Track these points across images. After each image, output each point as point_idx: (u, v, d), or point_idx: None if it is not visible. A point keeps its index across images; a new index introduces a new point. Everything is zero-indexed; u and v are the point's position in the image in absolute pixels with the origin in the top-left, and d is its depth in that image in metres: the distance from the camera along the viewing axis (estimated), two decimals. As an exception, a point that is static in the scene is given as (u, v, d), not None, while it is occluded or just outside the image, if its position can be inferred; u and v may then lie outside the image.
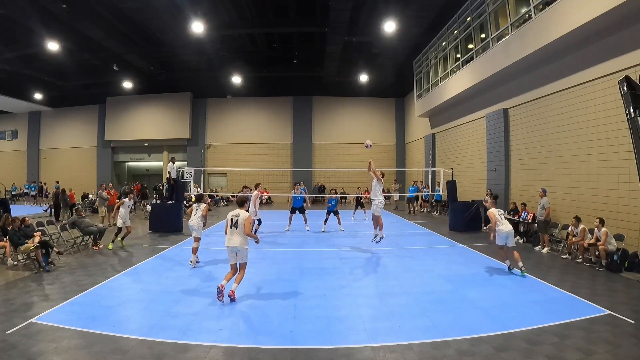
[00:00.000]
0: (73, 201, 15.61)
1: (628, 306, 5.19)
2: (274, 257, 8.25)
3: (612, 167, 8.10)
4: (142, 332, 4.27)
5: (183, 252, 8.76)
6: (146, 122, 25.09)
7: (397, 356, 3.81)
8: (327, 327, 4.51)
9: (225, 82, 22.20)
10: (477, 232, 11.76)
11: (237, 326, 4.56)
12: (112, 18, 14.83)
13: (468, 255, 8.60)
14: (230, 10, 15.08)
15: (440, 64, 16.64)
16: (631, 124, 4.72)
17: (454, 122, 16.80)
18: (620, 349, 3.94)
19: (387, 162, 24.59)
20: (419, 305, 5.24)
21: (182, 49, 18.23)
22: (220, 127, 25.21)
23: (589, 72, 8.73)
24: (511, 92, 12.08)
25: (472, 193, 14.36)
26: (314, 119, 25.09)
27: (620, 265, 6.95)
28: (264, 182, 23.63)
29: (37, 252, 6.98)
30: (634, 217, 7.43)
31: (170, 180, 12.62)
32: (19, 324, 4.43)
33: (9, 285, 6.10)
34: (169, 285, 6.16)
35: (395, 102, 25.44)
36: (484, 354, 3.83)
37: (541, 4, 9.39)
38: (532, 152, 11.10)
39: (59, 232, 8.98)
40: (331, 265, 7.54)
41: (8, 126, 27.29)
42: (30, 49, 16.80)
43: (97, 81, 22.52)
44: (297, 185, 13.15)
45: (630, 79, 4.82)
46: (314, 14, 15.41)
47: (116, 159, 26.60)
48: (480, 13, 12.69)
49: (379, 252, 8.79)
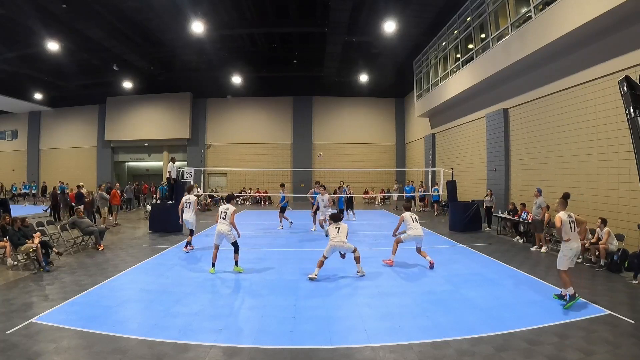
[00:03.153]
0: (73, 201, 15.58)
1: (628, 306, 5.19)
2: (274, 257, 8.25)
3: (612, 167, 8.10)
4: (142, 332, 4.27)
5: (183, 252, 8.76)
6: (146, 122, 25.11)
7: (397, 356, 3.81)
8: (327, 327, 4.51)
9: (225, 82, 22.21)
10: (477, 232, 11.77)
11: (237, 326, 4.56)
12: (112, 18, 14.83)
13: (468, 255, 8.59)
14: (230, 10, 15.08)
15: (440, 64, 16.64)
16: (631, 124, 4.72)
17: (454, 122, 16.80)
18: (620, 349, 3.94)
19: (387, 162, 24.61)
20: (419, 305, 5.24)
21: (182, 49, 18.24)
22: (220, 127, 25.21)
23: (589, 72, 8.73)
24: (511, 92, 12.08)
25: (472, 193, 14.36)
26: (314, 119, 25.10)
27: (620, 265, 6.95)
28: (263, 182, 23.74)
29: (38, 252, 6.98)
30: (634, 217, 7.43)
31: (171, 180, 12.61)
32: (19, 324, 4.43)
33: (9, 285, 6.10)
34: (169, 285, 6.16)
35: (395, 102, 25.44)
36: (484, 354, 3.83)
37: (541, 4, 9.38)
38: (532, 152, 11.10)
39: (59, 232, 8.98)
40: (331, 265, 7.53)
41: (8, 126, 27.32)
42: (30, 49, 16.81)
43: (97, 81, 22.52)
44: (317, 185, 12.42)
45: (630, 79, 4.82)
46: (314, 14, 15.41)
47: (116, 159, 26.63)
48: (480, 13, 12.69)
49: (379, 252, 8.79)
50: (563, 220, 5.26)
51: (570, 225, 5.29)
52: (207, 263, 7.67)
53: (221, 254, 7.13)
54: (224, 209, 6.99)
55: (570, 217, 5.35)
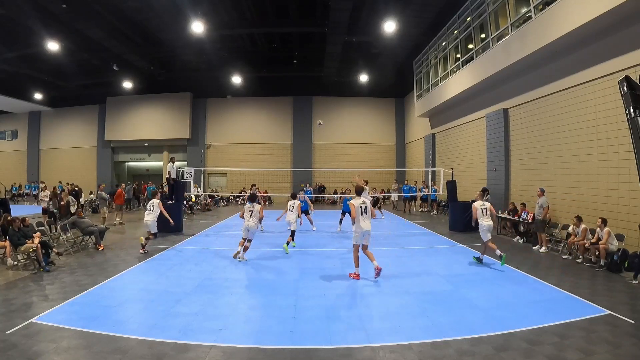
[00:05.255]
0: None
1: (628, 306, 5.19)
2: (274, 257, 8.24)
3: (612, 167, 8.10)
4: (142, 332, 4.27)
5: (183, 252, 8.77)
6: (146, 122, 25.11)
7: (397, 356, 3.81)
8: (327, 327, 4.51)
9: (225, 82, 22.22)
10: (477, 232, 11.73)
11: (237, 326, 4.56)
12: (112, 18, 14.83)
13: (468, 255, 8.59)
14: (230, 10, 15.08)
15: (440, 64, 16.64)
16: (631, 124, 4.71)
17: (454, 122, 16.80)
18: (620, 349, 3.94)
19: (387, 162, 24.61)
20: (419, 305, 5.24)
21: (182, 49, 18.24)
22: (220, 127, 25.21)
23: (589, 72, 8.73)
24: (511, 92, 12.08)
25: (472, 193, 14.30)
26: (314, 119, 25.09)
27: (620, 265, 6.95)
28: (264, 183, 23.76)
29: (38, 252, 6.98)
30: (634, 217, 7.43)
31: (170, 180, 12.61)
32: (19, 324, 4.43)
33: (9, 285, 6.10)
34: (169, 285, 6.16)
35: (395, 102, 25.45)
36: (484, 354, 3.83)
37: (541, 4, 9.38)
38: (532, 152, 11.10)
39: (59, 232, 8.98)
40: (331, 265, 7.54)
41: (8, 126, 27.32)
42: (30, 49, 16.81)
43: (97, 81, 22.53)
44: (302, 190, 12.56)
45: (630, 79, 4.81)
46: (314, 14, 15.42)
47: (116, 159, 26.62)
48: (480, 13, 12.69)
49: (379, 252, 8.79)
50: (477, 208, 7.64)
51: (482, 211, 7.58)
52: (207, 263, 7.70)
53: (221, 254, 7.14)
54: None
55: (483, 206, 7.66)
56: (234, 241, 10.36)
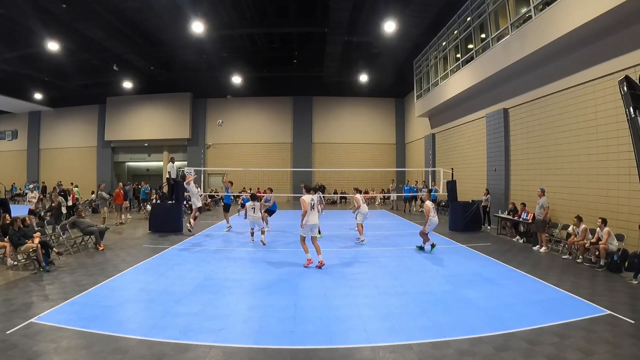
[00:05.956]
0: (74, 201, 15.59)
1: (628, 306, 5.19)
2: (274, 257, 8.24)
3: (612, 167, 8.10)
4: (142, 332, 4.26)
5: (183, 252, 8.77)
6: (146, 122, 25.10)
7: (397, 356, 3.81)
8: (327, 327, 4.51)
9: (225, 82, 22.20)
10: (477, 232, 11.76)
11: (237, 326, 4.55)
12: (112, 18, 14.81)
13: (468, 255, 8.59)
14: (230, 10, 15.07)
15: (440, 64, 16.64)
16: (631, 124, 4.71)
17: (454, 122, 16.80)
18: (620, 349, 3.94)
19: (387, 162, 24.62)
20: (419, 305, 5.24)
21: (182, 49, 18.23)
22: (221, 127, 25.17)
23: (589, 72, 8.73)
24: (511, 92, 12.08)
25: (472, 193, 14.36)
26: (314, 119, 25.11)
27: (620, 265, 6.95)
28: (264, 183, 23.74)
29: (38, 252, 6.98)
30: (634, 217, 7.42)
31: (170, 180, 12.61)
32: (19, 324, 4.43)
33: (9, 285, 6.10)
34: (169, 285, 6.15)
35: (395, 102, 25.45)
36: (484, 354, 3.83)
37: (541, 4, 9.38)
38: (532, 152, 11.10)
39: (59, 232, 8.98)
40: (331, 265, 7.54)
41: (8, 126, 27.31)
42: (30, 49, 16.79)
43: (97, 81, 22.51)
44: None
45: (630, 79, 4.81)
46: (314, 14, 15.41)
47: (116, 159, 26.62)
48: (480, 13, 12.69)
49: (379, 252, 8.80)
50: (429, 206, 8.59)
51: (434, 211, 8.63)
52: (206, 263, 7.70)
53: (221, 254, 7.14)
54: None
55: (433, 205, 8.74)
56: (234, 241, 10.39)
